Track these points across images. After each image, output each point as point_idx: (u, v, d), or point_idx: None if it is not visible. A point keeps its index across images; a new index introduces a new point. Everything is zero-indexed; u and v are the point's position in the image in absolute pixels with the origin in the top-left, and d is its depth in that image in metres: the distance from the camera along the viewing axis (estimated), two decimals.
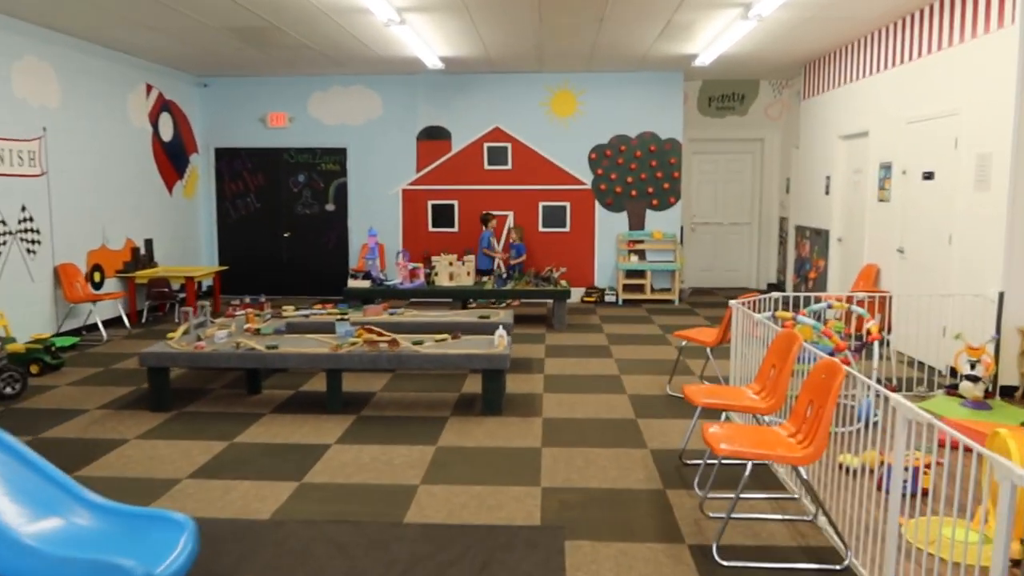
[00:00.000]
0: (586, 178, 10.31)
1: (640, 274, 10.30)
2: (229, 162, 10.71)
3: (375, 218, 10.54)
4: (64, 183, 7.75)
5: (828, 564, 3.11)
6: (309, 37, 7.87)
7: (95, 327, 7.97)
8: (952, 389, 5.47)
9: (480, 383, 5.67)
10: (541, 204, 10.36)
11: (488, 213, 9.90)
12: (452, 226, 10.51)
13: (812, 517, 3.55)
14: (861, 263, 7.84)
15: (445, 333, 5.67)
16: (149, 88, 9.36)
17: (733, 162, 11.49)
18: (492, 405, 5.15)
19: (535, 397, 5.62)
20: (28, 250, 7.23)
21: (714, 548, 3.19)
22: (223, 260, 10.82)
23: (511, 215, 10.43)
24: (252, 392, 5.75)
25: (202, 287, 9.48)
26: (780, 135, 11.16)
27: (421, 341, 5.34)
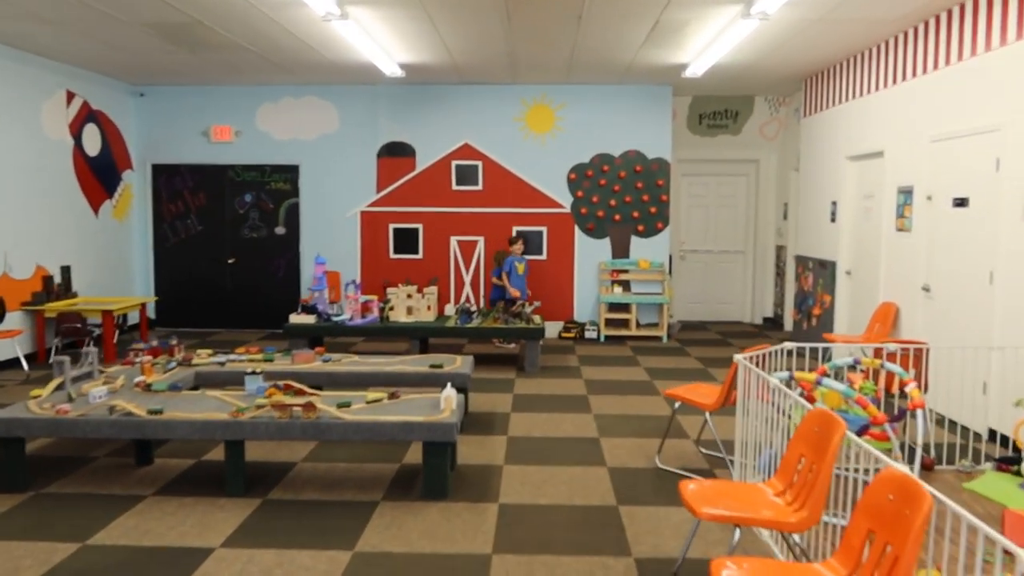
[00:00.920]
0: (565, 201, 9.31)
1: (624, 307, 9.27)
2: (168, 180, 9.62)
3: (330, 243, 9.47)
4: None
5: None
6: (242, 36, 6.84)
7: None
8: (1006, 464, 4.44)
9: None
10: (515, 229, 9.33)
11: (518, 234, 8.94)
12: (416, 252, 9.44)
13: None
14: (876, 300, 6.85)
15: (382, 391, 4.58)
16: (71, 96, 8.27)
17: (725, 185, 10.54)
18: (435, 488, 4.06)
19: (493, 471, 4.53)
20: None
21: None
22: (160, 289, 9.69)
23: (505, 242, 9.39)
24: (141, 462, 4.62)
25: (126, 321, 8.34)
26: (777, 156, 10.22)
27: (348, 403, 4.25)
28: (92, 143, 8.67)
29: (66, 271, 8.19)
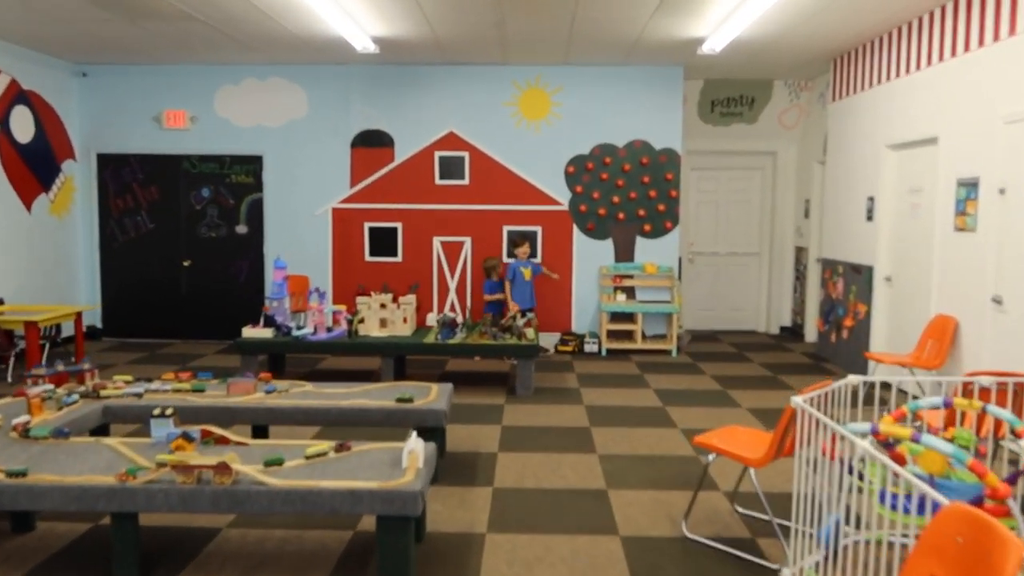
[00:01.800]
0: (562, 197, 8.28)
1: (628, 317, 8.25)
2: (115, 171, 8.54)
3: (298, 243, 8.42)
4: None
5: None
6: (187, 2, 5.78)
7: None
8: None
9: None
10: (506, 228, 8.30)
11: (519, 235, 8.00)
12: (394, 254, 8.40)
13: None
14: (926, 313, 5.84)
15: (324, 444, 3.53)
16: None
17: (739, 180, 9.52)
18: None
19: (472, 543, 3.50)
20: None
21: None
22: (107, 295, 8.62)
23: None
24: (19, 528, 3.58)
25: (59, 333, 7.28)
26: (796, 147, 9.21)
27: (279, 459, 3.21)
28: (23, 128, 7.59)
29: None
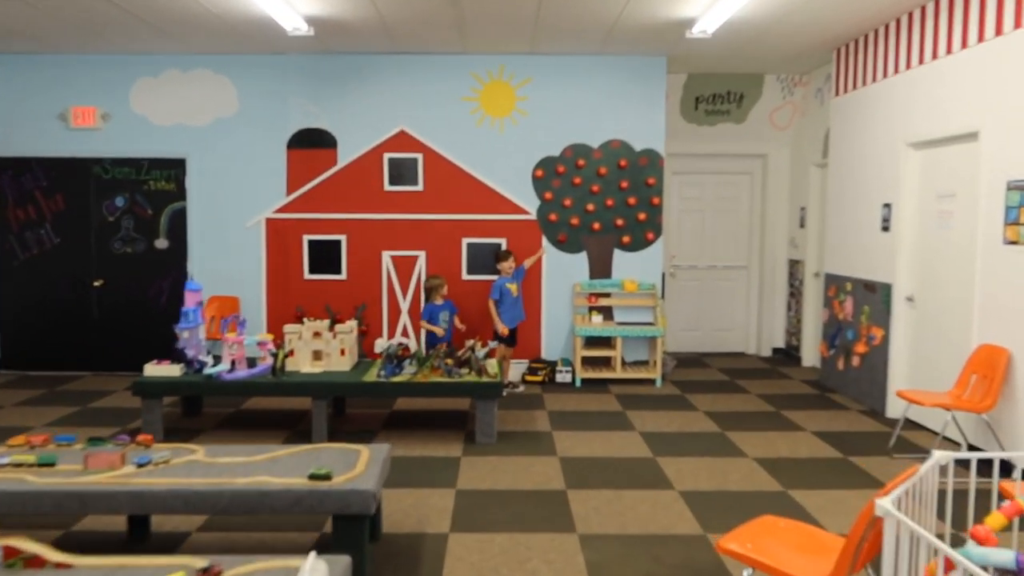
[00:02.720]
0: (530, 205, 7.27)
1: (606, 342, 7.26)
2: (15, 178, 7.35)
3: (226, 259, 7.29)
4: None
5: None
6: None
7: None
8: None
9: None
10: (465, 241, 7.26)
11: (504, 250, 6.96)
12: (338, 271, 7.31)
13: None
14: (966, 342, 4.91)
15: (190, 559, 2.45)
16: None
17: (726, 185, 8.61)
18: None
19: None
20: None
21: None
22: (5, 319, 7.40)
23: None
24: None
25: None
26: (789, 149, 8.32)
27: None
28: None
29: None
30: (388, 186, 7.22)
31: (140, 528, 3.61)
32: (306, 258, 7.28)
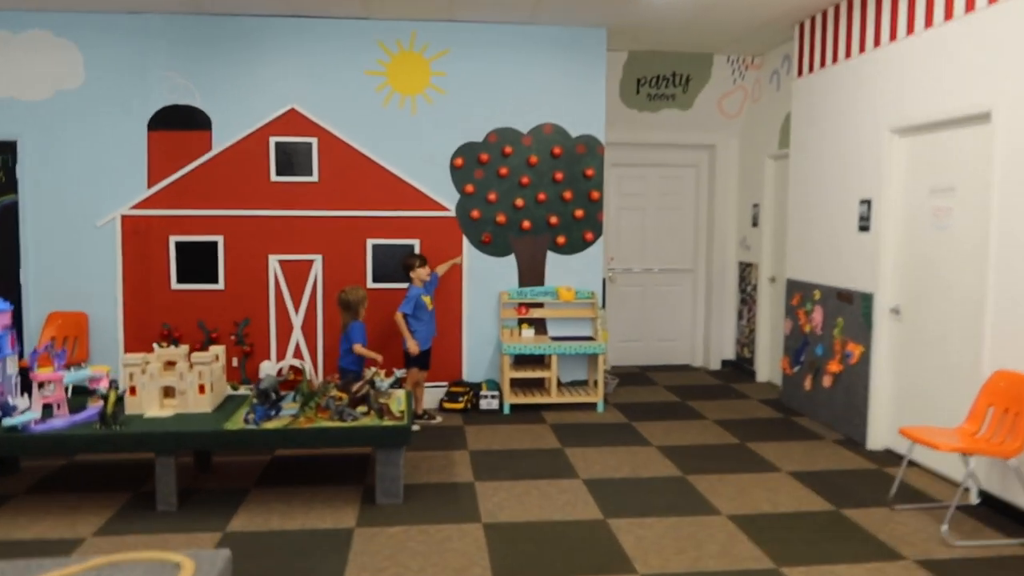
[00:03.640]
0: (448, 199, 6.14)
1: (539, 361, 6.21)
2: None
3: (71, 266, 5.90)
4: None
5: None
6: None
7: None
8: None
9: None
10: (370, 243, 6.08)
11: (417, 254, 5.75)
12: (214, 280, 6.01)
13: None
14: (976, 366, 4.05)
15: None
16: None
17: (669, 179, 7.69)
18: None
19: None
20: None
21: None
22: None
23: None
24: None
25: None
26: (739, 140, 7.46)
27: None
28: None
29: None
30: (275, 176, 5.96)
31: None
32: (173, 264, 5.95)
